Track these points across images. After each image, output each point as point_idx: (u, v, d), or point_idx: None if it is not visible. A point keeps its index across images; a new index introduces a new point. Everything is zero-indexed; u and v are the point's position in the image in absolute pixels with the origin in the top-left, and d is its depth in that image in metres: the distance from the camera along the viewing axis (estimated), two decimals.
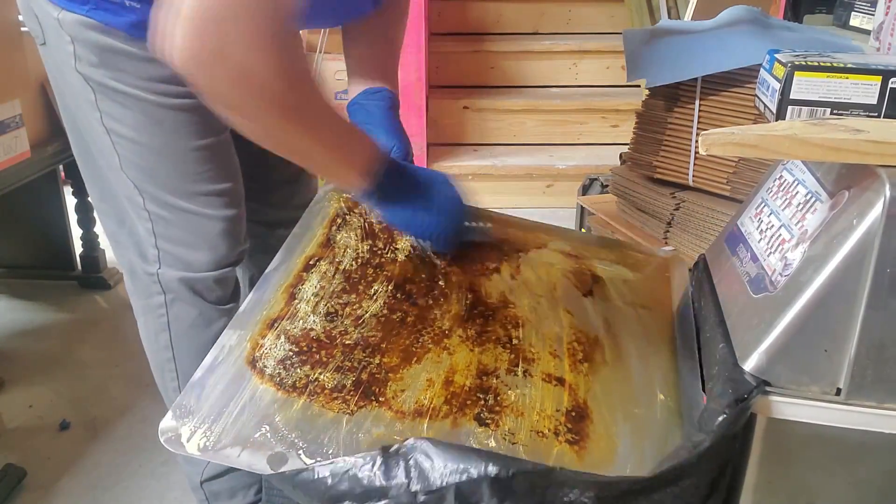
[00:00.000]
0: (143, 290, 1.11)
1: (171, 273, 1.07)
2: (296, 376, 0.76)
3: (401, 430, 0.71)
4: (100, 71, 0.96)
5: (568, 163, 2.91)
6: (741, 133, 0.65)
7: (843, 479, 0.70)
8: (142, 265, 1.09)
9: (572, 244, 1.05)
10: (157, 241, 1.06)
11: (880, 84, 0.79)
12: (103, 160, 1.04)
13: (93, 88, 0.99)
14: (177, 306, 1.10)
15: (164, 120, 0.97)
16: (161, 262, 1.07)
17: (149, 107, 0.97)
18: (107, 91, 0.97)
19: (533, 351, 0.83)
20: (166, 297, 1.09)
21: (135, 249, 1.09)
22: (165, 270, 1.07)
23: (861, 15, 1.61)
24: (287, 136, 0.79)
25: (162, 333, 1.12)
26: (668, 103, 1.50)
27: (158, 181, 1.02)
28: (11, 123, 1.71)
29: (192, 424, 0.70)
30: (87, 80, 0.98)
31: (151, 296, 1.10)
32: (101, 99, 0.98)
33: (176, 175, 1.01)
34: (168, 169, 1.01)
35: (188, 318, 1.10)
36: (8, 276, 2.25)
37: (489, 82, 3.12)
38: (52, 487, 1.46)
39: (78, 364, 1.87)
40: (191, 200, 1.02)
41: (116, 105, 0.98)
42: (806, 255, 0.69)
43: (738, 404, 0.65)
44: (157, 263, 1.07)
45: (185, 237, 1.05)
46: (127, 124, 0.99)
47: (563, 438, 0.73)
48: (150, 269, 1.08)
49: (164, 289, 1.09)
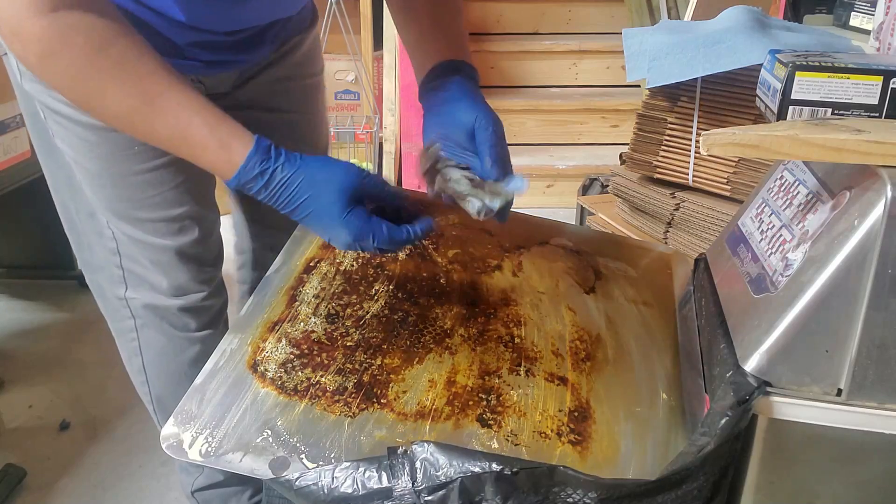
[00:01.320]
0: (114, 313, 1.07)
1: (139, 298, 1.03)
2: (297, 379, 0.76)
3: (403, 433, 0.71)
4: (37, 87, 0.91)
5: (568, 163, 2.91)
6: (742, 133, 0.65)
7: (844, 480, 0.70)
8: (110, 288, 1.05)
9: (574, 240, 1.05)
10: (121, 262, 1.01)
11: (881, 84, 0.79)
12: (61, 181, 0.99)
13: (38, 107, 0.93)
14: (146, 332, 1.06)
15: (99, 143, 0.91)
16: (127, 284, 1.03)
17: (83, 130, 0.91)
18: (49, 111, 0.92)
19: (535, 350, 0.83)
20: (136, 322, 1.06)
21: (100, 273, 1.04)
22: (133, 294, 1.03)
23: (861, 15, 1.61)
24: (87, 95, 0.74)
25: (134, 358, 1.10)
26: (668, 103, 1.50)
27: (105, 205, 0.97)
28: (11, 123, 1.71)
29: (193, 430, 0.70)
30: (30, 99, 0.93)
31: (122, 320, 1.06)
32: (48, 117, 0.93)
33: (118, 201, 0.96)
34: (109, 194, 0.95)
35: (157, 345, 1.07)
36: (8, 276, 2.25)
37: (489, 82, 3.12)
38: (52, 487, 1.46)
39: (78, 364, 1.87)
40: (138, 227, 0.97)
41: (59, 125, 0.93)
42: (807, 255, 0.69)
43: (739, 406, 0.65)
44: (124, 286, 1.03)
45: (144, 262, 1.01)
46: (70, 145, 0.93)
47: (565, 439, 0.73)
48: (119, 293, 1.04)
49: (133, 314, 1.05)
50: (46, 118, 0.93)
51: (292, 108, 1.09)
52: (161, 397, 1.12)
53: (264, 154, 0.75)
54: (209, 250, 1.05)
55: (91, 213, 0.99)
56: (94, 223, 0.99)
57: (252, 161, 0.75)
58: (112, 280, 1.03)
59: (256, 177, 0.75)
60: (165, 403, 1.11)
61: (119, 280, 1.03)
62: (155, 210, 0.97)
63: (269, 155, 0.75)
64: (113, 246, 1.00)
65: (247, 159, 0.75)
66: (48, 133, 0.95)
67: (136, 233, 0.98)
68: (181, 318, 1.05)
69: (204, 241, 1.02)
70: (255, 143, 0.75)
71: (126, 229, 0.98)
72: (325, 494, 0.65)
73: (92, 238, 1.01)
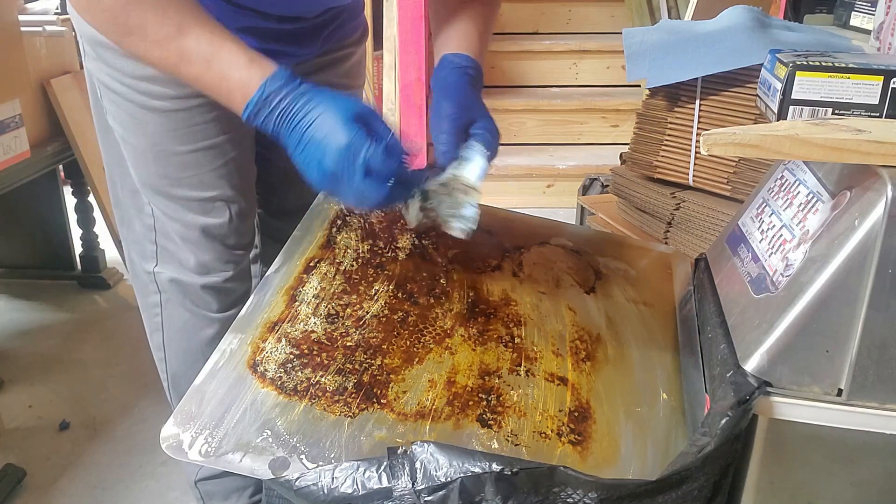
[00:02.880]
0: (142, 288, 1.12)
1: (166, 272, 1.08)
2: (297, 379, 0.76)
3: (403, 433, 0.71)
4: (98, 65, 0.97)
5: (568, 163, 2.91)
6: (742, 133, 0.65)
7: (845, 480, 0.70)
8: (140, 263, 1.10)
9: (574, 240, 1.05)
10: (156, 237, 1.06)
11: (882, 84, 0.79)
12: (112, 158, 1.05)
13: (96, 85, 1.00)
14: (170, 307, 1.10)
15: (147, 122, 0.97)
16: (158, 259, 1.07)
17: (133, 107, 0.97)
18: (104, 88, 0.98)
19: (535, 350, 0.83)
20: (161, 297, 1.10)
21: (135, 247, 1.09)
22: (161, 269, 1.08)
23: (861, 15, 1.61)
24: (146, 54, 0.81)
25: (156, 333, 1.14)
26: (668, 103, 1.50)
27: (147, 180, 1.02)
28: (11, 123, 1.71)
29: (193, 430, 0.70)
30: (91, 76, 1.00)
31: (149, 294, 1.11)
32: (103, 95, 0.99)
33: (157, 177, 1.01)
34: (151, 170, 1.01)
35: (179, 321, 1.11)
36: (8, 276, 2.25)
37: (489, 82, 3.12)
38: (52, 487, 1.46)
39: (78, 364, 1.87)
40: (172, 202, 1.03)
41: (112, 103, 0.99)
42: (807, 255, 0.69)
43: (740, 406, 0.65)
44: (155, 261, 1.08)
45: (175, 238, 1.05)
46: (120, 122, 0.99)
47: (565, 439, 0.73)
48: (148, 267, 1.09)
49: (160, 288, 1.09)
50: (102, 96, 1.00)
51: None
52: (176, 375, 1.16)
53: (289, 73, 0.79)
54: (239, 235, 1.09)
55: (134, 189, 1.05)
56: (136, 200, 1.05)
57: (280, 74, 0.78)
58: (144, 255, 1.08)
59: (281, 87, 0.78)
60: (179, 382, 1.15)
61: (151, 255, 1.08)
62: (190, 189, 1.02)
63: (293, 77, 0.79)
64: (150, 222, 1.06)
65: (276, 72, 0.78)
66: (103, 110, 1.01)
67: (170, 207, 1.03)
68: (203, 296, 1.08)
69: (233, 225, 1.06)
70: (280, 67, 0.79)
71: (161, 204, 1.03)
72: (325, 494, 0.65)
73: (132, 213, 1.07)
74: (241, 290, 1.12)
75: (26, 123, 1.76)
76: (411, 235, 0.98)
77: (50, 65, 1.91)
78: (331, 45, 1.07)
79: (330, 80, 1.09)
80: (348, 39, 1.11)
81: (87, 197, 2.18)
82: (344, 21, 1.07)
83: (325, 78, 1.09)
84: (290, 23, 0.98)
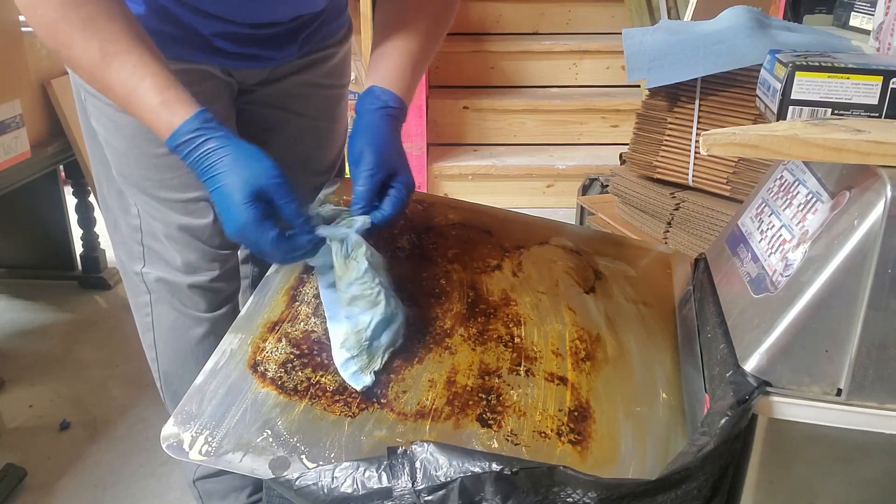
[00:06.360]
0: (132, 288, 1.13)
1: (154, 272, 1.08)
2: (297, 379, 0.76)
3: (403, 433, 0.71)
4: None
5: (568, 163, 2.91)
6: (742, 133, 0.65)
7: (844, 480, 0.70)
8: (129, 264, 1.10)
9: (574, 240, 1.05)
10: (142, 238, 1.06)
11: (881, 84, 0.79)
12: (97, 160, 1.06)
13: (79, 88, 1.00)
14: (159, 307, 1.10)
15: (125, 125, 0.97)
16: (145, 260, 1.08)
17: (112, 110, 0.97)
18: (86, 92, 0.99)
19: (535, 349, 0.83)
20: (151, 297, 1.10)
21: (123, 248, 1.10)
22: (149, 269, 1.08)
23: (861, 15, 1.61)
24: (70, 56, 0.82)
25: (147, 333, 1.14)
26: (668, 103, 1.50)
27: (130, 182, 1.03)
28: (11, 123, 1.71)
29: (193, 430, 0.70)
30: (75, 80, 1.01)
31: (139, 294, 1.11)
32: (86, 98, 1.00)
33: (141, 179, 1.02)
34: (134, 172, 1.01)
35: (168, 321, 1.11)
36: (8, 276, 2.25)
37: (489, 82, 3.12)
38: (52, 487, 1.46)
39: (78, 364, 1.87)
40: (157, 202, 1.03)
41: (94, 107, 0.99)
42: (807, 255, 0.69)
43: (739, 405, 0.65)
44: (142, 261, 1.08)
45: (161, 238, 1.05)
46: (102, 125, 1.00)
47: (565, 439, 0.73)
48: (136, 268, 1.09)
49: (149, 288, 1.10)
50: (85, 99, 1.01)
51: (318, 116, 1.14)
52: (168, 374, 1.16)
53: (203, 122, 0.80)
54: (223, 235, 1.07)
55: (119, 191, 1.05)
56: (122, 201, 1.06)
57: (190, 125, 0.79)
58: (132, 256, 1.09)
59: (189, 140, 0.79)
60: (171, 381, 1.15)
61: (139, 256, 1.08)
62: (172, 191, 1.02)
63: (207, 125, 0.80)
64: (136, 223, 1.06)
65: (185, 122, 0.79)
66: (87, 113, 1.02)
67: (154, 208, 1.03)
68: (191, 296, 1.08)
69: (217, 225, 1.05)
70: (197, 112, 0.80)
71: (146, 205, 1.04)
72: (325, 494, 0.65)
73: (118, 214, 1.08)
74: (228, 289, 1.12)
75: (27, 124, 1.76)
76: (411, 235, 0.98)
77: (50, 65, 1.91)
78: (311, 46, 1.06)
79: (313, 81, 1.09)
80: (331, 39, 1.10)
81: (87, 197, 2.18)
82: (324, 22, 1.06)
83: (308, 79, 1.08)
84: (263, 28, 0.98)
